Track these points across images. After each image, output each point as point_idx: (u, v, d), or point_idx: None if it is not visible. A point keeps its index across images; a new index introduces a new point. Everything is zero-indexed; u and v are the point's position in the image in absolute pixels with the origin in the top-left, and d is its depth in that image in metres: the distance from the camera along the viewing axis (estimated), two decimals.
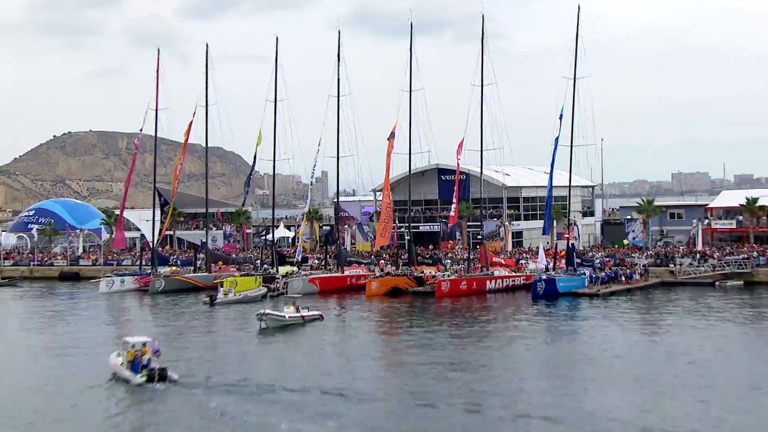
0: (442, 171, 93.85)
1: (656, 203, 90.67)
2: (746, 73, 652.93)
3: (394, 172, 78.94)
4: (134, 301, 73.12)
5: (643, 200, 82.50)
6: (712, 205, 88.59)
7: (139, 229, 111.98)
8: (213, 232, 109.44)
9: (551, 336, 50.79)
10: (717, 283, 70.24)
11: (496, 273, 70.48)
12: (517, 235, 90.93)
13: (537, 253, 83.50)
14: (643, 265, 71.80)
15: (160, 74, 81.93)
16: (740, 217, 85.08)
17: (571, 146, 71.25)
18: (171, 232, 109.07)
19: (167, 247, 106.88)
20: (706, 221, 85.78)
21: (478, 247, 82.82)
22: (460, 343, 47.75)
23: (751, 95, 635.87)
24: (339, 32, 77.56)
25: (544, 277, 64.64)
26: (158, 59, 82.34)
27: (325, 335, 51.94)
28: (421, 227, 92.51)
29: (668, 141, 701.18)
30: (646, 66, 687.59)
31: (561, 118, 68.21)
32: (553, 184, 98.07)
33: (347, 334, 53.36)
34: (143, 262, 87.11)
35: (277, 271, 79.22)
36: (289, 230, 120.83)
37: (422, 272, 73.72)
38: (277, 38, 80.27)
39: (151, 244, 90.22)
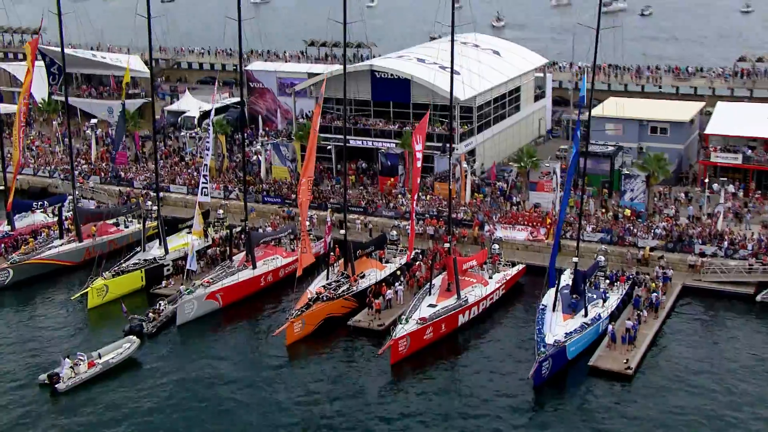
0: (376, 71, 71.07)
1: (630, 115, 69.11)
2: None
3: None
4: None
5: (646, 153, 61.43)
6: (709, 129, 67.93)
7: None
8: (110, 103, 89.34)
9: None
10: (759, 296, 51.94)
11: (470, 297, 50.84)
12: (471, 153, 69.80)
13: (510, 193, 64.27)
14: (663, 273, 52.97)
15: None
16: (749, 151, 65.16)
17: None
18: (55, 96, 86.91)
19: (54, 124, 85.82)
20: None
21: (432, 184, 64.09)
22: None
23: None
24: None
25: (551, 345, 44.65)
26: None
27: None
28: (351, 141, 69.81)
29: None
30: None
31: None
32: (509, 77, 75.12)
33: None
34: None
35: (167, 251, 58.99)
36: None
37: (362, 275, 53.72)
38: None
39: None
